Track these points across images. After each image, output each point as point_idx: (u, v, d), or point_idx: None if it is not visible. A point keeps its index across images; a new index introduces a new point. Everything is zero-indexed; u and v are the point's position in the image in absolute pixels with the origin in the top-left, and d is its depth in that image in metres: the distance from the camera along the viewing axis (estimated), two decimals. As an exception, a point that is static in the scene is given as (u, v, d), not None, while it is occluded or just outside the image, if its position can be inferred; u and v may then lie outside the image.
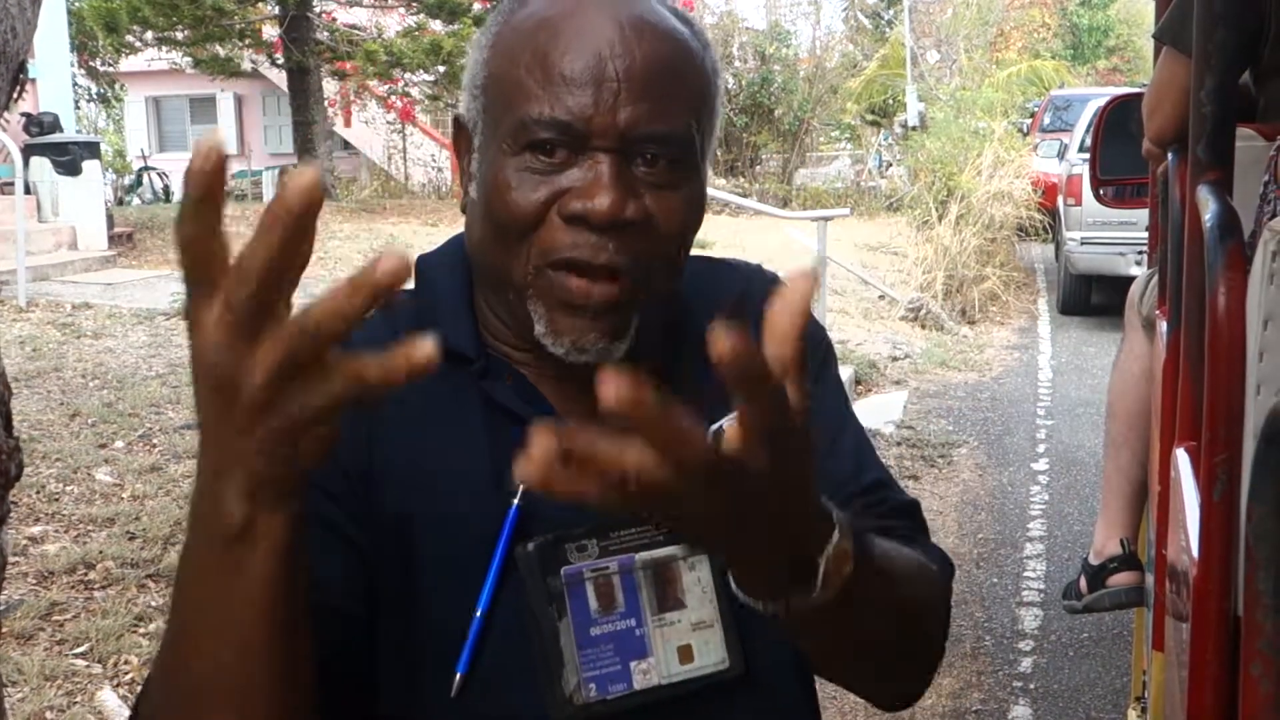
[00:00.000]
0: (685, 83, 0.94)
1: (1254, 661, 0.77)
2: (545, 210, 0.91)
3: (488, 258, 0.97)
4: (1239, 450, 1.08)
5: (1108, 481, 3.17)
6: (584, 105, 0.90)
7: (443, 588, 0.91)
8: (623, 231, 0.91)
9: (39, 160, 10.61)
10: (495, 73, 0.94)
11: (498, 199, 0.92)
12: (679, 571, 0.95)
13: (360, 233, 12.71)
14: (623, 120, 0.90)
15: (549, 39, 0.91)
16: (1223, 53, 1.41)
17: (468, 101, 0.98)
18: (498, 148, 0.93)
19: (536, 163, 0.91)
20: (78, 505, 4.29)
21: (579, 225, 0.90)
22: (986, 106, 13.03)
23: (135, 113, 26.89)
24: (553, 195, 0.91)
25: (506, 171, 0.92)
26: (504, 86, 0.93)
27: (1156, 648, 2.09)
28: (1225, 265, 1.12)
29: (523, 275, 0.93)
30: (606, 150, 0.90)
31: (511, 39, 0.94)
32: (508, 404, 0.97)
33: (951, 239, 11.19)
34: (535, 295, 0.93)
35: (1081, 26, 33.02)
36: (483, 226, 0.95)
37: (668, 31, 0.94)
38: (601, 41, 0.91)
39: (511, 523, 0.92)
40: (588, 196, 0.89)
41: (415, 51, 16.36)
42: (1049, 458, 6.65)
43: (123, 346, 7.15)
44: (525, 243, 0.92)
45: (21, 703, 3.02)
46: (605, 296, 0.92)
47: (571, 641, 0.91)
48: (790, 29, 21.50)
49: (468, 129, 0.99)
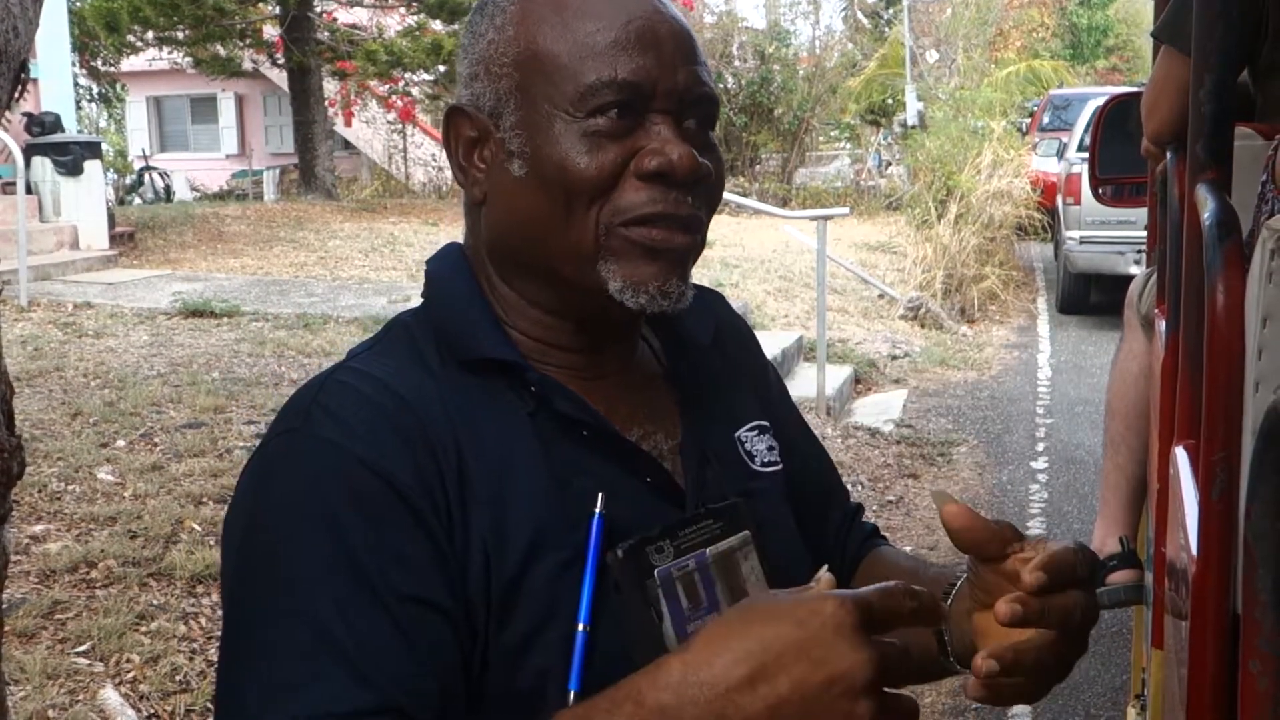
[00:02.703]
0: (702, 54, 0.99)
1: (1253, 659, 0.77)
2: (619, 171, 0.93)
3: (541, 234, 0.96)
4: (1237, 448, 1.08)
5: (1107, 480, 3.17)
6: (649, 67, 0.93)
7: (527, 605, 0.90)
8: (695, 186, 0.95)
9: (40, 160, 10.61)
10: (533, 45, 0.95)
11: (566, 166, 0.93)
12: (739, 561, 0.98)
13: (361, 232, 12.70)
14: (681, 81, 0.94)
15: (591, 6, 0.94)
16: (1221, 51, 1.41)
17: (484, 83, 0.98)
18: (555, 117, 0.93)
19: (602, 125, 0.93)
20: (79, 504, 4.29)
21: (656, 182, 0.93)
22: (986, 106, 13.02)
23: (136, 112, 26.88)
24: (625, 156, 0.93)
25: (571, 138, 0.93)
26: (552, 57, 0.94)
27: (1156, 645, 2.09)
28: (1224, 264, 1.13)
29: (592, 239, 0.94)
30: (666, 111, 0.94)
31: (545, 10, 0.95)
32: (567, 409, 0.96)
33: (951, 238, 11.19)
34: (608, 255, 0.94)
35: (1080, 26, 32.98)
36: (538, 200, 0.94)
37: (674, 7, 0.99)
38: (645, 7, 0.95)
39: (598, 531, 0.92)
40: (665, 154, 0.92)
41: (416, 51, 16.35)
42: (1048, 456, 6.65)
43: (124, 346, 7.15)
44: (595, 206, 0.93)
45: (24, 701, 3.02)
46: (684, 243, 0.96)
47: (675, 642, 0.91)
48: (790, 28, 21.50)
49: (476, 116, 0.98)
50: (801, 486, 1.14)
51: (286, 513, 0.88)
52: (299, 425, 0.92)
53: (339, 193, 17.84)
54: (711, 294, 1.18)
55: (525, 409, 0.96)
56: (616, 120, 0.93)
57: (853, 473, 6.01)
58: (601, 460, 0.96)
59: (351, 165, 23.86)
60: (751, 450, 1.09)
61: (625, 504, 0.94)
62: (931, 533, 5.33)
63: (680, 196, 0.94)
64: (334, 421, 0.90)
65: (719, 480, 1.03)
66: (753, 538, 0.99)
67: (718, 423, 1.08)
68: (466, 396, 0.94)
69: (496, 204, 0.98)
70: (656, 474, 0.99)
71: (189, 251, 11.41)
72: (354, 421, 0.90)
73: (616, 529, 0.93)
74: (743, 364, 1.17)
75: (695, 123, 0.96)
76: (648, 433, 1.02)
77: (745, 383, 1.15)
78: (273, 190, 21.70)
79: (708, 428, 1.07)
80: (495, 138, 0.97)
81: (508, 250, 1.00)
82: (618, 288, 0.94)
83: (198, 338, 7.46)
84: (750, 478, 1.07)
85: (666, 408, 1.05)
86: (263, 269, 10.52)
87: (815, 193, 18.61)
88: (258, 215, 13.83)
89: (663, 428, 1.04)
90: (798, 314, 9.37)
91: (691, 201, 0.95)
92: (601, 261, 0.94)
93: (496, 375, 0.96)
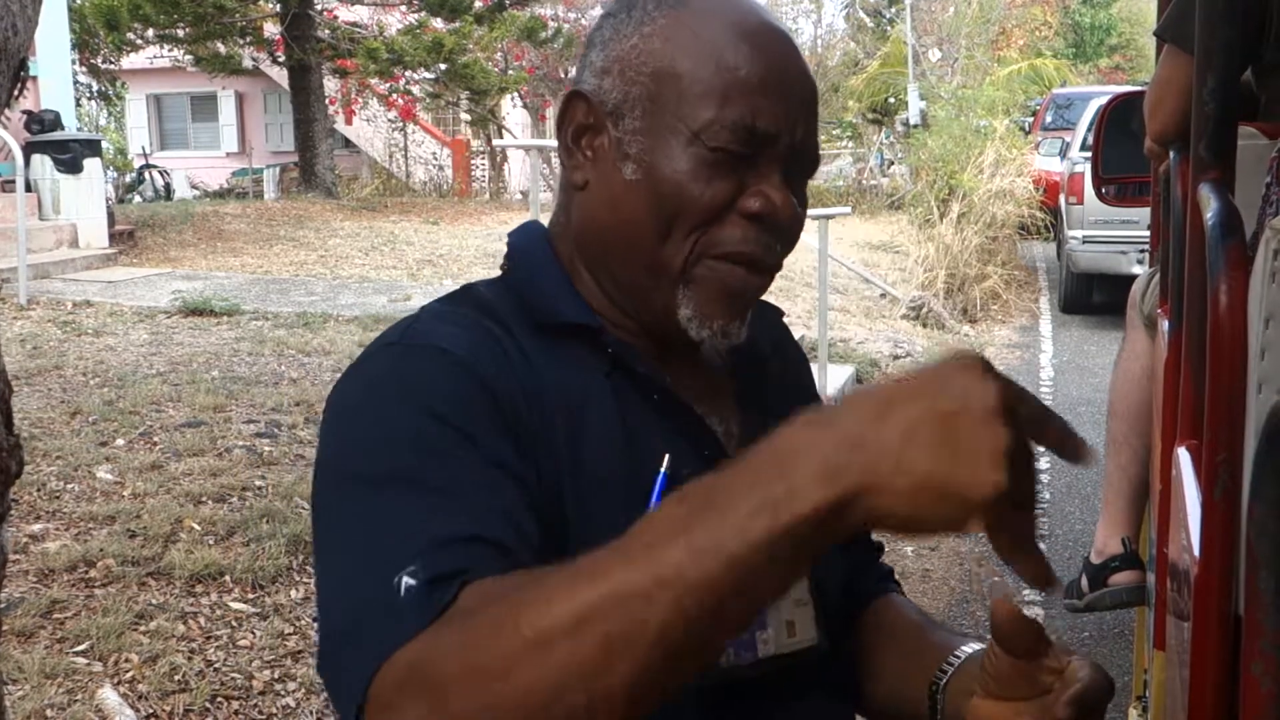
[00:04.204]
0: (819, 111, 1.03)
1: (1255, 661, 0.77)
2: (727, 205, 0.97)
3: (633, 240, 0.99)
4: (1240, 449, 1.08)
5: (1109, 480, 3.17)
6: (779, 116, 0.97)
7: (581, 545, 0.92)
8: (785, 234, 1.00)
9: (40, 158, 10.61)
10: (675, 64, 0.98)
11: (684, 188, 0.96)
12: None
13: (361, 230, 12.71)
14: (799, 136, 0.99)
15: (740, 43, 0.97)
16: (1224, 51, 1.41)
17: (615, 81, 1.00)
18: (681, 137, 0.96)
19: (722, 159, 0.96)
20: (78, 503, 4.29)
21: (755, 224, 0.97)
22: (988, 105, 13.03)
23: (136, 110, 26.89)
24: (735, 192, 0.97)
25: (694, 163, 0.96)
26: (693, 81, 0.97)
27: (1158, 646, 2.08)
28: (1227, 264, 1.12)
29: (681, 262, 0.98)
30: (779, 160, 0.98)
31: (693, 34, 0.98)
32: (641, 370, 1.01)
33: (953, 237, 11.20)
34: (690, 282, 0.98)
35: (1083, 25, 33.02)
36: (643, 209, 0.98)
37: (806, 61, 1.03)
38: (786, 57, 0.99)
39: (661, 487, 0.95)
40: (772, 200, 0.97)
41: (416, 49, 16.35)
42: (1050, 457, 6.63)
43: (123, 344, 7.15)
44: (696, 232, 0.97)
45: (22, 700, 3.02)
46: (759, 289, 1.02)
47: None
48: (792, 27, 21.48)
49: (597, 105, 1.01)
50: None
51: (390, 401, 0.90)
52: (397, 339, 0.95)
53: (339, 191, 17.84)
54: (774, 311, 1.22)
55: (601, 370, 1.00)
56: (737, 157, 0.96)
57: (853, 472, 6.00)
58: (669, 426, 1.01)
59: (352, 164, 23.87)
60: None
61: (686, 470, 0.97)
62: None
63: (770, 242, 0.98)
64: (435, 334, 0.94)
65: None
66: None
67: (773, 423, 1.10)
68: (543, 355, 0.98)
69: (598, 195, 1.01)
70: (714, 449, 1.03)
71: (189, 250, 11.42)
72: (454, 335, 0.94)
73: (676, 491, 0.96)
74: (798, 381, 1.22)
75: (797, 175, 1.00)
76: (707, 412, 1.06)
77: (799, 398, 1.19)
78: (273, 189, 21.70)
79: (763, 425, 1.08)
80: (611, 135, 1.00)
81: (596, 240, 1.03)
82: (687, 315, 0.99)
83: (197, 336, 7.46)
84: None
85: (726, 398, 1.09)
86: (263, 268, 10.52)
87: (817, 192, 18.58)
88: (258, 214, 13.83)
89: (720, 413, 1.08)
90: (799, 313, 9.38)
91: (779, 248, 1.00)
92: (682, 286, 0.98)
93: (574, 340, 1.00)
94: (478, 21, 17.04)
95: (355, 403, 0.93)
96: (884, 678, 1.14)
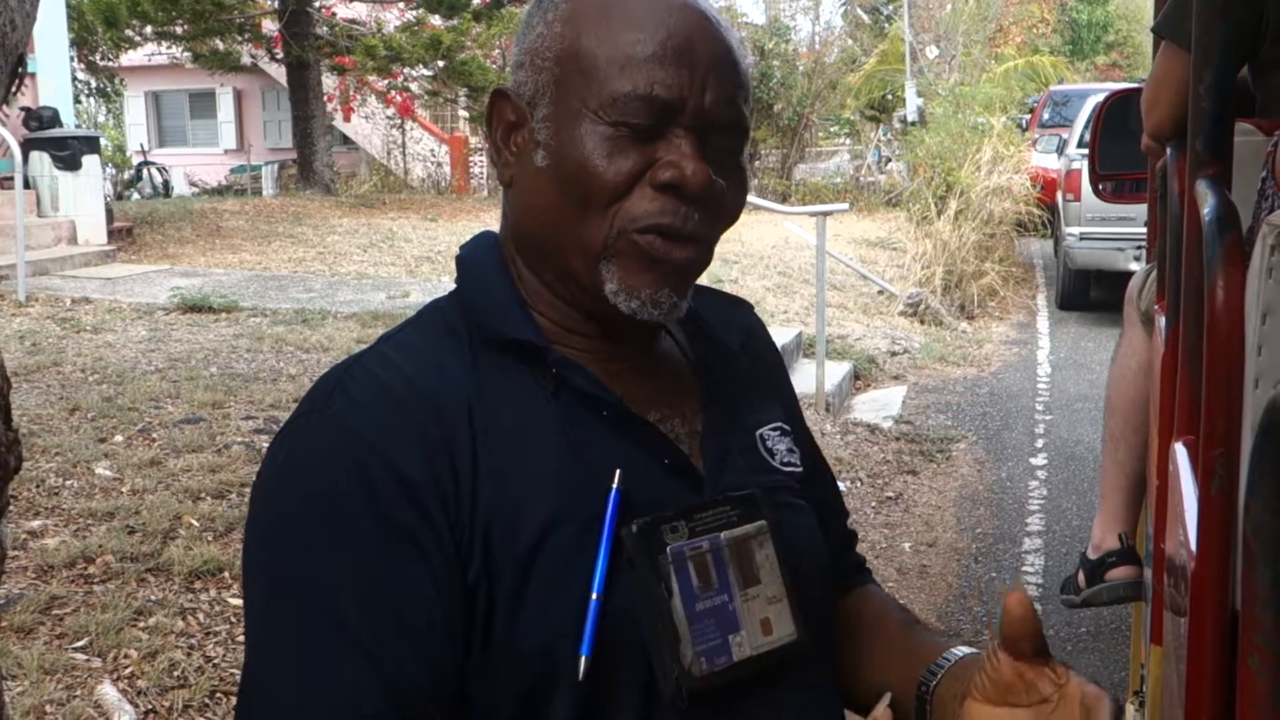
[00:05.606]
0: (744, 81, 1.01)
1: (1251, 655, 0.77)
2: (635, 179, 0.96)
3: (554, 225, 0.99)
4: (1237, 444, 1.08)
5: (1106, 476, 3.17)
6: (680, 84, 0.95)
7: (541, 574, 0.93)
8: (705, 203, 0.98)
9: (38, 155, 10.60)
10: (575, 45, 0.98)
11: (587, 167, 0.96)
12: (754, 549, 1.00)
13: (360, 227, 12.70)
14: (708, 102, 0.97)
15: (637, 16, 0.96)
16: (1221, 47, 1.41)
17: (528, 73, 1.01)
18: (583, 117, 0.96)
19: (625, 134, 0.95)
20: (77, 499, 4.29)
21: (669, 194, 0.96)
22: (985, 102, 13.04)
23: (135, 107, 26.85)
24: (643, 165, 0.96)
25: (595, 140, 0.96)
26: (591, 59, 0.97)
27: (1155, 642, 2.09)
28: (1223, 260, 1.12)
29: (601, 241, 0.97)
30: (689, 128, 0.96)
31: (593, 13, 0.98)
32: (587, 388, 1.00)
33: (950, 234, 11.19)
34: (612, 257, 0.97)
35: (1080, 22, 32.99)
36: (555, 193, 0.98)
37: (729, 30, 1.01)
38: (689, 25, 0.97)
39: (615, 505, 0.95)
40: (680, 168, 0.95)
41: (414, 46, 16.35)
42: (1047, 453, 6.66)
43: (122, 341, 7.15)
44: (610, 209, 0.96)
45: (21, 696, 3.02)
46: (683, 258, 0.99)
47: (683, 618, 0.95)
48: (789, 24, 21.51)
49: (517, 101, 1.01)
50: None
51: (299, 497, 0.93)
52: (320, 406, 0.96)
53: (338, 188, 17.84)
54: (743, 304, 1.22)
55: (547, 389, 0.99)
56: (640, 130, 0.95)
57: (852, 469, 6.01)
58: (620, 440, 1.00)
59: (350, 160, 23.85)
60: (772, 448, 1.12)
61: (642, 483, 0.97)
62: (930, 529, 5.34)
63: (689, 211, 0.97)
64: (353, 407, 0.95)
65: (738, 471, 1.06)
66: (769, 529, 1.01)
67: (740, 418, 1.11)
68: (491, 376, 0.99)
69: (520, 189, 1.02)
70: (674, 456, 1.02)
71: (187, 247, 11.41)
72: (372, 410, 0.94)
73: (633, 507, 0.95)
74: (769, 374, 1.21)
75: (721, 144, 0.98)
76: (666, 416, 1.05)
77: (770, 391, 1.18)
78: (271, 185, 21.68)
79: (730, 421, 1.10)
80: (529, 126, 1.00)
81: (526, 235, 1.04)
82: (613, 290, 0.98)
83: (196, 333, 7.46)
84: (769, 473, 1.09)
85: (689, 397, 1.09)
86: (261, 264, 10.51)
87: (815, 188, 18.62)
88: (256, 210, 13.82)
89: (682, 414, 1.07)
90: (797, 310, 9.38)
91: (700, 218, 0.98)
92: (604, 261, 0.97)
93: (520, 356, 1.00)
94: (475, 19, 17.03)
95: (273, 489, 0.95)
96: (865, 673, 1.14)
